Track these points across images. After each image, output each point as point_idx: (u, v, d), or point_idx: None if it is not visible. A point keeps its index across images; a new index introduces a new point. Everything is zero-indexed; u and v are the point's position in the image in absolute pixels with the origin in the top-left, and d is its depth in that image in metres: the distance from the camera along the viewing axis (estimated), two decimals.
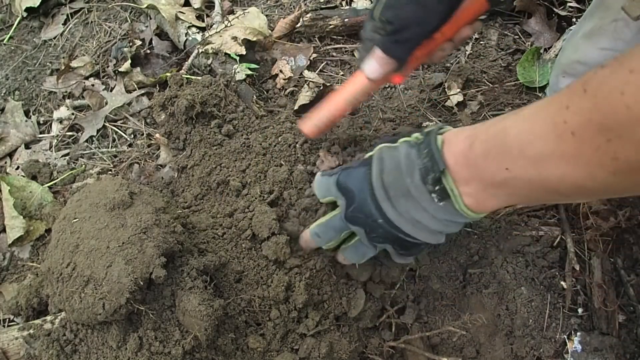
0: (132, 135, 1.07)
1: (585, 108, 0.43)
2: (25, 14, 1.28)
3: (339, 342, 0.78)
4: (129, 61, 1.14)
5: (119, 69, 1.13)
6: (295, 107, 1.03)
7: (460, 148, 0.57)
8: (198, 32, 1.14)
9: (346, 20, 1.14)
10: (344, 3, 1.23)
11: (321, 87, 1.04)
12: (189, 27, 1.15)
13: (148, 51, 1.18)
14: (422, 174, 0.59)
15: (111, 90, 1.13)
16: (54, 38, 1.26)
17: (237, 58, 1.06)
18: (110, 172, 1.01)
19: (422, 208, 0.61)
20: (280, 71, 1.09)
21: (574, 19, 1.10)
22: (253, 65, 1.06)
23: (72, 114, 1.11)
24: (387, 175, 0.63)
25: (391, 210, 0.63)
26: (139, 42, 1.19)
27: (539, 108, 0.50)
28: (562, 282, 0.85)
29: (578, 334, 0.81)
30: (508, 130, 0.52)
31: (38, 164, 1.02)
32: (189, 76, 1.04)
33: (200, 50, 1.08)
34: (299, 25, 1.14)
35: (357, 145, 0.91)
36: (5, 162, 1.07)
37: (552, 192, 0.51)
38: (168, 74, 1.06)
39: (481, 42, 1.15)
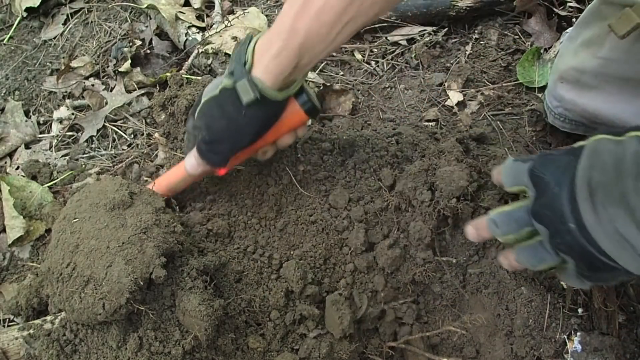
0: (132, 135, 1.07)
1: None
2: (25, 14, 1.28)
3: (340, 342, 0.78)
4: (129, 61, 1.14)
5: (119, 69, 1.13)
6: None
7: None
8: (198, 32, 1.14)
9: None
10: None
11: (321, 87, 1.04)
12: (189, 27, 1.15)
13: (148, 51, 1.18)
14: None
15: (111, 90, 1.13)
16: (54, 38, 1.26)
17: None
18: (109, 172, 1.01)
19: (636, 222, 0.47)
20: None
21: (573, 19, 1.10)
22: None
23: (72, 114, 1.11)
24: (600, 172, 0.50)
25: (591, 214, 0.49)
26: (139, 42, 1.19)
27: None
28: (562, 282, 0.85)
29: (578, 334, 0.81)
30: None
31: (38, 164, 1.02)
32: (189, 76, 1.04)
33: (200, 50, 1.08)
34: None
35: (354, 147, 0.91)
36: (5, 162, 1.07)
37: None
38: (168, 74, 1.06)
39: (481, 42, 1.15)
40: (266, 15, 1.16)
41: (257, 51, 0.67)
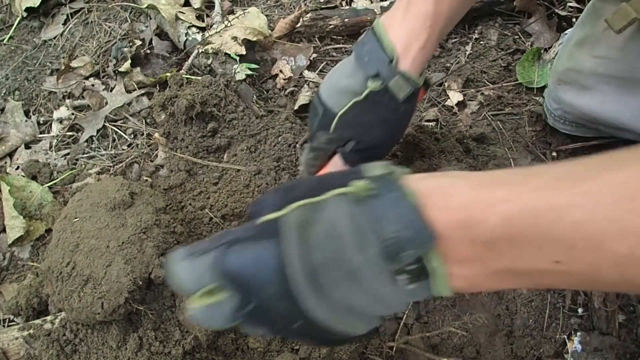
0: (132, 135, 1.07)
1: None
2: (25, 14, 1.28)
3: None
4: (129, 61, 1.14)
5: (119, 69, 1.13)
6: (295, 107, 1.03)
7: (457, 217, 0.37)
8: (198, 32, 1.14)
9: (346, 20, 1.14)
10: (344, 3, 1.23)
11: None
12: (189, 27, 1.15)
13: (148, 51, 1.18)
14: (386, 248, 0.37)
15: (111, 90, 1.13)
16: (54, 38, 1.26)
17: (237, 58, 1.06)
18: (109, 172, 1.01)
19: (367, 291, 0.39)
20: (280, 71, 1.09)
21: (573, 19, 1.10)
22: (253, 65, 1.06)
23: (72, 114, 1.11)
24: (317, 251, 0.39)
25: (321, 307, 0.39)
26: (139, 42, 1.19)
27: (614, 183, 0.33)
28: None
29: (578, 334, 0.81)
30: (564, 213, 0.34)
31: (38, 164, 1.02)
32: (189, 76, 1.04)
33: (200, 50, 1.08)
34: (299, 25, 1.14)
35: None
36: (5, 162, 1.07)
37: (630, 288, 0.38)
38: (168, 74, 1.06)
39: (481, 42, 1.15)
40: (266, 15, 1.16)
41: (399, 45, 0.63)
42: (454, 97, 1.05)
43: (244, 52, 1.07)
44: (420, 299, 0.53)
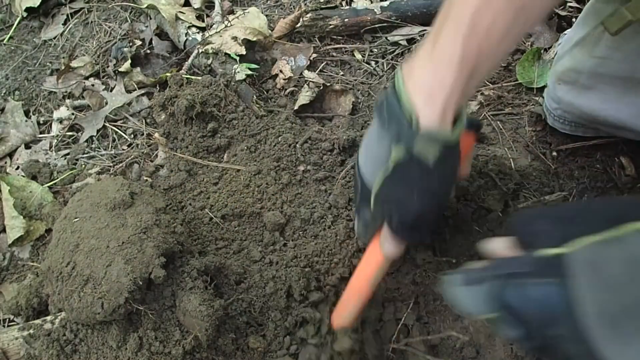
0: (132, 135, 1.07)
1: None
2: (25, 14, 1.28)
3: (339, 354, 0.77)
4: (129, 61, 1.14)
5: (119, 69, 1.13)
6: (295, 107, 1.03)
7: None
8: (198, 32, 1.14)
9: (346, 20, 1.14)
10: (344, 3, 1.23)
11: (321, 87, 1.04)
12: (189, 27, 1.15)
13: (148, 51, 1.18)
14: None
15: (111, 90, 1.13)
16: (54, 38, 1.26)
17: (237, 58, 1.06)
18: (109, 172, 1.01)
19: None
20: (280, 71, 1.09)
21: (573, 19, 1.10)
22: (253, 65, 1.06)
23: (72, 114, 1.11)
24: (618, 294, 0.36)
25: (623, 356, 0.36)
26: (139, 42, 1.19)
27: None
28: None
29: None
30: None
31: (38, 164, 1.02)
32: (189, 76, 1.04)
33: (200, 50, 1.08)
34: (299, 25, 1.14)
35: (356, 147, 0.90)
36: (5, 162, 1.07)
37: None
38: (168, 74, 1.06)
39: None
40: (266, 15, 1.16)
41: (420, 96, 0.55)
42: None
43: (244, 52, 1.07)
44: None
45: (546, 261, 0.40)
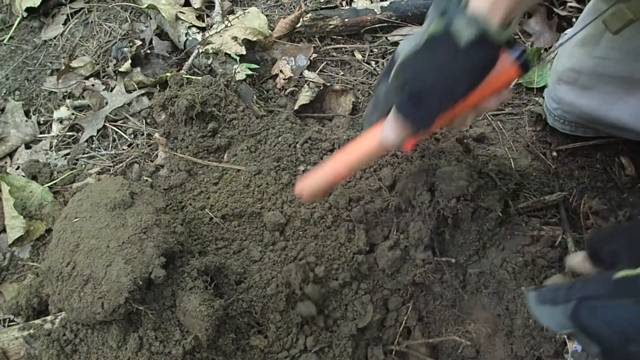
0: (132, 135, 1.07)
1: None
2: (25, 14, 1.28)
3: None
4: (129, 61, 1.14)
5: (119, 69, 1.13)
6: (295, 107, 1.03)
7: None
8: (198, 32, 1.14)
9: (346, 20, 1.14)
10: (344, 3, 1.23)
11: (321, 87, 1.04)
12: (189, 27, 1.15)
13: (148, 51, 1.18)
14: None
15: (111, 90, 1.13)
16: (54, 38, 1.26)
17: (237, 58, 1.06)
18: (110, 172, 1.01)
19: None
20: (281, 71, 1.09)
21: (573, 19, 1.10)
22: (253, 65, 1.06)
23: (72, 114, 1.11)
24: None
25: None
26: (139, 42, 1.19)
27: None
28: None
29: None
30: None
31: (38, 164, 1.02)
32: (189, 76, 1.04)
33: (200, 50, 1.08)
34: (299, 25, 1.14)
35: None
36: (5, 162, 1.07)
37: None
38: (168, 74, 1.06)
39: None
40: (266, 15, 1.16)
41: None
42: None
43: (244, 52, 1.07)
44: None
45: (624, 282, 0.43)
